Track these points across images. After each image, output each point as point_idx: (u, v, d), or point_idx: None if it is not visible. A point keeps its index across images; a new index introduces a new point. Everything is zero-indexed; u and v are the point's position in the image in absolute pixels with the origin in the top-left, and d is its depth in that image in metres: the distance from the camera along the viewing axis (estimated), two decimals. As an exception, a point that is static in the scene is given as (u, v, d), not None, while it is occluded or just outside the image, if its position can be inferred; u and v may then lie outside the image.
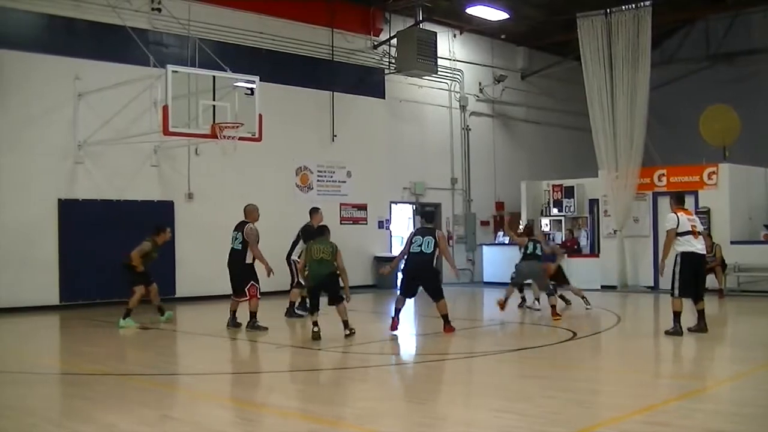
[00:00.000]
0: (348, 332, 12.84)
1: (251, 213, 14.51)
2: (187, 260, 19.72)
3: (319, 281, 12.85)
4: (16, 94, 17.93)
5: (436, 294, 13.28)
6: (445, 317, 13.26)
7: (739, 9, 26.28)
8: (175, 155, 20.22)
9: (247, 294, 14.07)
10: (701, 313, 12.72)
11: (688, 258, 12.57)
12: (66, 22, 18.78)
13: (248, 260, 14.16)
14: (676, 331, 12.45)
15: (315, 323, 12.66)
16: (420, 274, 13.34)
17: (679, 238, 12.67)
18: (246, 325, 14.12)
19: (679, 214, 12.80)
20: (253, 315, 14.08)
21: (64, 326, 16.47)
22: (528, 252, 15.90)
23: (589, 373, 10.44)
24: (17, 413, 8.18)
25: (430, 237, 13.24)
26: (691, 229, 12.68)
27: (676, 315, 12.55)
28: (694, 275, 12.65)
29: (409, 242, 13.49)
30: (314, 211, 16.44)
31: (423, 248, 13.17)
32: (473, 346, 12.66)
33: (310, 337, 12.60)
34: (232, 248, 14.31)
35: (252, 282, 14.08)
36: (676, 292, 12.56)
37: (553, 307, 15.18)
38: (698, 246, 12.74)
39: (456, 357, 11.75)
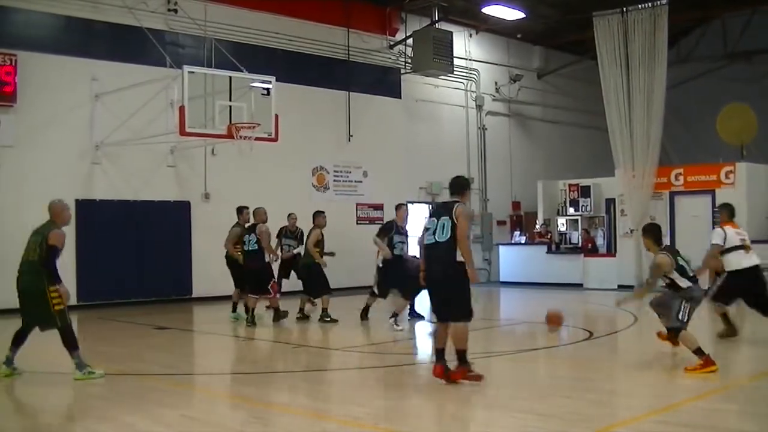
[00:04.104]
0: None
1: (260, 214, 15.23)
2: (204, 260, 19.72)
3: None
4: (33, 95, 18.01)
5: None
6: (461, 354, 9.02)
7: (757, 7, 26.11)
8: (192, 155, 20.28)
9: (271, 291, 14.78)
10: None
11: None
12: (83, 24, 18.87)
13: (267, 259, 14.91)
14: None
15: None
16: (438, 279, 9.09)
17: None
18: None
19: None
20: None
21: (81, 326, 16.50)
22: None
23: (606, 373, 10.41)
24: (36, 412, 8.24)
25: (446, 218, 8.96)
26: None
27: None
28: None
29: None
30: (398, 207, 15.95)
31: (437, 236, 8.97)
32: (490, 346, 12.63)
33: None
34: (248, 250, 14.82)
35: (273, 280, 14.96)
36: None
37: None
38: None
39: (473, 357, 11.71)
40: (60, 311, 9.68)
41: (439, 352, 9.07)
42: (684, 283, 10.29)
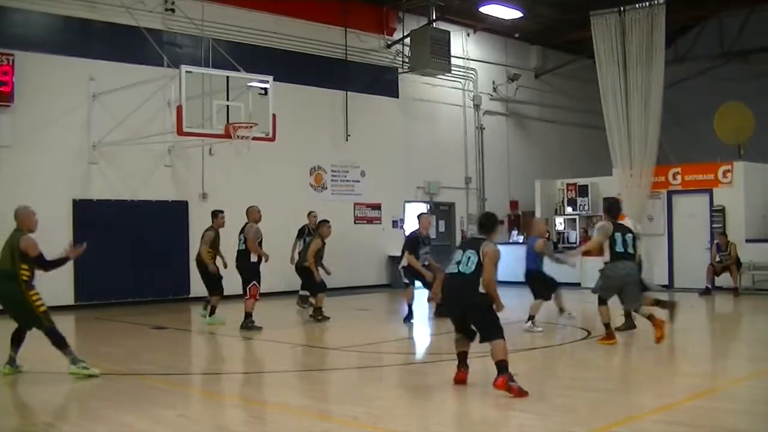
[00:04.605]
0: None
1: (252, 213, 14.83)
2: (202, 260, 19.72)
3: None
4: (31, 95, 17.96)
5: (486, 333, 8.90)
6: (501, 365, 8.59)
7: (754, 6, 26.12)
8: (189, 155, 20.25)
9: (248, 293, 14.33)
10: None
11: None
12: (81, 24, 18.83)
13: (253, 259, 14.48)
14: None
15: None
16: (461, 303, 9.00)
17: None
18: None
19: None
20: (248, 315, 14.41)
21: (79, 326, 16.51)
22: None
23: (604, 372, 10.42)
24: (34, 413, 8.23)
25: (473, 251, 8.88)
26: None
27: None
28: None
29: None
30: (421, 216, 16.15)
31: (461, 267, 8.88)
32: (488, 345, 12.61)
33: None
34: (238, 249, 14.68)
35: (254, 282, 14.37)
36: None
37: None
38: None
39: (471, 356, 11.71)
40: (43, 312, 9.81)
41: (461, 357, 9.14)
42: (606, 256, 11.91)
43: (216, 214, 15.79)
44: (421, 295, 16.09)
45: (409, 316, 15.05)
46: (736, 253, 19.86)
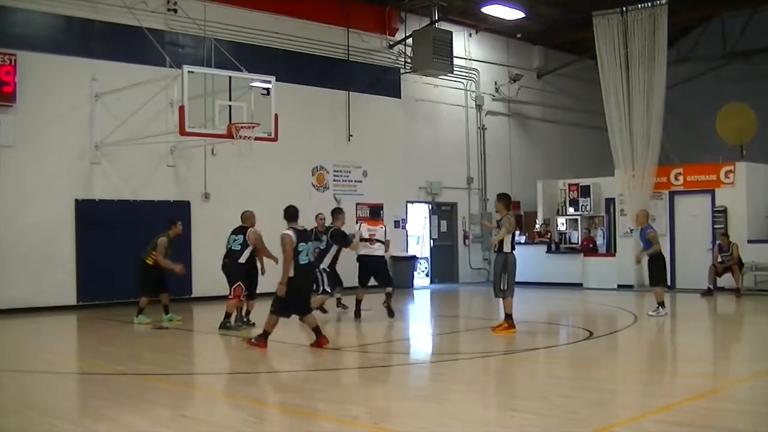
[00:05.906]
0: None
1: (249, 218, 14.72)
2: (203, 260, 19.68)
3: None
4: (33, 95, 18.00)
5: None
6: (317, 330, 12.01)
7: (756, 6, 26.12)
8: (192, 155, 20.27)
9: (232, 293, 14.32)
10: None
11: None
12: (83, 24, 18.87)
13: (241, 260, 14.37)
14: None
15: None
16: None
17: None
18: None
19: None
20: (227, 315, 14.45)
21: (81, 326, 16.54)
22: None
23: (606, 373, 10.40)
24: (35, 412, 8.23)
25: (312, 243, 12.45)
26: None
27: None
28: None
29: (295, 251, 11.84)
30: (338, 212, 16.67)
31: (310, 257, 12.27)
32: (489, 345, 12.62)
33: None
34: (229, 249, 14.54)
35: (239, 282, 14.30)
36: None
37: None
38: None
39: (472, 356, 11.73)
40: None
41: (318, 329, 11.94)
42: (507, 247, 13.20)
43: (175, 221, 15.84)
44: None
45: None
46: (738, 253, 19.86)
